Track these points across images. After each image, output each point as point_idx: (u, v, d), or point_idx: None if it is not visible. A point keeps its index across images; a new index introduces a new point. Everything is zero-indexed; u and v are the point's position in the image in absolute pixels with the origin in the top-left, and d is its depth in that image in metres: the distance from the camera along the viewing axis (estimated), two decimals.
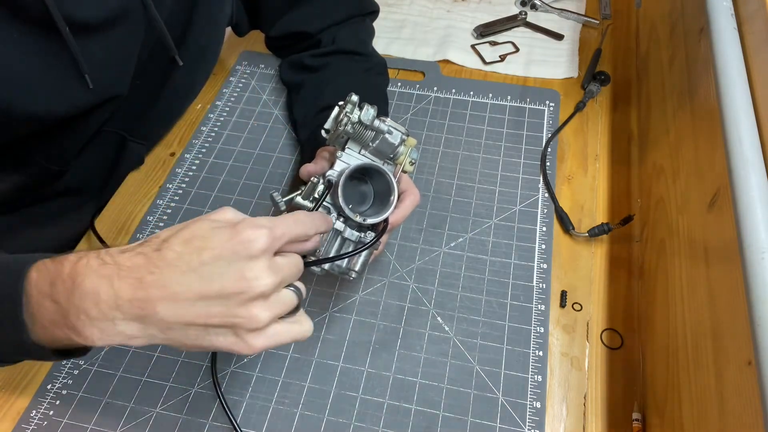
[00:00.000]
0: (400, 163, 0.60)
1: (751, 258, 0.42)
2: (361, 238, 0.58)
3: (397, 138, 0.58)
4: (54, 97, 0.62)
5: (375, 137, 0.58)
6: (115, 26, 0.63)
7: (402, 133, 0.58)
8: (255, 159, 0.82)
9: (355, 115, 0.56)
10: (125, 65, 0.68)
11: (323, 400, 0.62)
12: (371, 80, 0.82)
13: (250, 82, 0.92)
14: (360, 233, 0.58)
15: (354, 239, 0.58)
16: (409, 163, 0.60)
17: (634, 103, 0.88)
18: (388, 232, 0.61)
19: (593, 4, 1.03)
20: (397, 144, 0.58)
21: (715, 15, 0.58)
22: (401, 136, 0.58)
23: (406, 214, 0.61)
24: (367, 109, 0.56)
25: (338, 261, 0.56)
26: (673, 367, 0.55)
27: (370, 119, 0.56)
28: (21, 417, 0.61)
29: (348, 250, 0.58)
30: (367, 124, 0.56)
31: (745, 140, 0.47)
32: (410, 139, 0.60)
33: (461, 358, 0.64)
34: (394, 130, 0.58)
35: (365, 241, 0.57)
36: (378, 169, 0.58)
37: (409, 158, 0.60)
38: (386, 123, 0.58)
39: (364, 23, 0.86)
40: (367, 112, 0.56)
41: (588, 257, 0.72)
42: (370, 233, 0.58)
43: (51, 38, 0.58)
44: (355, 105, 0.56)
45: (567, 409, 0.61)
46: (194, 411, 0.61)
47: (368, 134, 0.57)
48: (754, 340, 0.39)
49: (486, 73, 0.93)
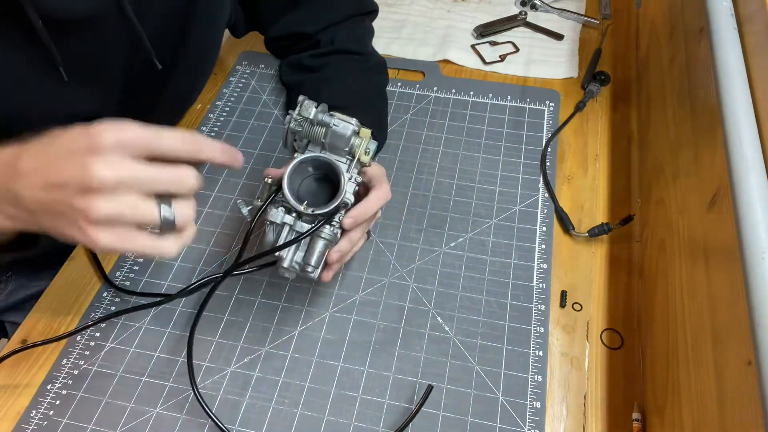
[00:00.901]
0: (357, 155, 0.59)
1: (751, 258, 0.42)
2: (336, 234, 0.58)
3: (347, 129, 0.57)
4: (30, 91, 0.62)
5: (326, 133, 0.58)
6: (91, 25, 0.63)
7: (352, 125, 0.58)
8: (255, 159, 0.82)
9: (296, 113, 0.57)
10: (106, 66, 0.67)
11: (323, 400, 0.62)
12: (370, 80, 0.82)
13: (250, 82, 0.92)
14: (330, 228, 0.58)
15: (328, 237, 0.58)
16: (364, 153, 0.58)
17: (634, 103, 0.88)
18: (357, 227, 0.60)
19: (593, 4, 1.03)
20: (348, 135, 0.58)
21: (715, 15, 0.58)
22: (352, 128, 0.58)
23: (372, 207, 0.60)
24: (305, 105, 0.57)
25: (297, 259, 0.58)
26: (673, 367, 0.55)
27: (311, 113, 0.57)
28: (21, 417, 0.61)
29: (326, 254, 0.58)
30: (308, 117, 0.57)
31: (745, 140, 0.47)
32: (363, 129, 0.59)
33: (461, 358, 0.64)
34: (341, 122, 0.58)
35: (323, 234, 0.57)
36: (325, 161, 0.58)
37: (364, 148, 0.58)
38: (333, 116, 0.58)
39: (363, 23, 0.86)
40: (305, 108, 0.57)
41: (588, 257, 0.72)
42: (331, 227, 0.58)
43: (24, 35, 0.58)
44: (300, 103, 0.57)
45: (567, 409, 0.61)
46: (194, 411, 0.61)
47: (318, 130, 0.58)
48: (754, 340, 0.39)
49: (486, 73, 0.93)
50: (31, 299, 0.76)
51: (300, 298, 0.69)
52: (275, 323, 0.67)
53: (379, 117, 0.79)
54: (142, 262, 0.72)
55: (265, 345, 0.66)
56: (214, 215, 0.76)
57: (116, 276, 0.71)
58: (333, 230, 0.58)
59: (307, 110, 0.57)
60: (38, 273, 0.81)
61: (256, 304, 0.68)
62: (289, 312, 0.68)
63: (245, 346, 0.66)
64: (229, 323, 0.67)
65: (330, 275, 0.61)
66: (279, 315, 0.68)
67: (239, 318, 0.67)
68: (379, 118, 0.79)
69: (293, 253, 0.59)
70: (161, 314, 0.68)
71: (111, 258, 0.73)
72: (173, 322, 0.67)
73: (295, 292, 0.69)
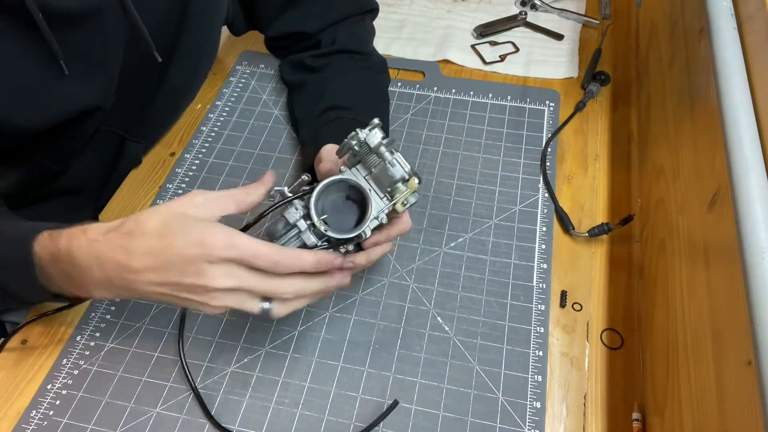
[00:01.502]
0: (394, 201, 0.57)
1: (751, 258, 0.42)
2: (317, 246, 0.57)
3: (397, 172, 0.56)
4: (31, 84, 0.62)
5: (377, 165, 0.57)
6: (91, 19, 0.63)
7: (405, 171, 0.57)
8: (255, 159, 0.82)
9: (363, 134, 0.56)
10: (106, 60, 0.68)
11: (323, 400, 0.62)
12: (372, 79, 0.82)
13: (250, 82, 0.92)
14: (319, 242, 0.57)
15: (309, 245, 0.56)
16: (401, 203, 0.57)
17: (634, 103, 0.88)
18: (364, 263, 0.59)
19: (593, 4, 1.03)
20: (397, 178, 0.56)
21: (715, 15, 0.58)
22: (403, 173, 0.56)
23: (390, 237, 0.60)
24: (374, 132, 0.56)
25: None
26: (673, 368, 0.55)
27: (373, 142, 0.56)
28: (21, 417, 0.61)
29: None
30: (370, 146, 0.56)
31: (745, 140, 0.47)
32: (412, 180, 0.57)
33: (461, 358, 0.64)
34: (397, 164, 0.56)
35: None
36: (361, 190, 0.57)
37: (403, 199, 0.57)
38: (394, 155, 0.57)
39: (363, 22, 0.86)
40: (373, 134, 0.56)
41: (588, 257, 0.72)
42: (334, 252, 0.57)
43: (25, 28, 0.58)
44: (374, 127, 0.56)
45: (567, 409, 0.61)
46: (194, 411, 0.61)
47: (372, 159, 0.57)
48: (754, 340, 0.39)
49: (486, 73, 0.93)
50: None
51: None
52: (275, 323, 0.67)
53: (380, 117, 0.79)
54: None
55: (265, 345, 0.66)
56: None
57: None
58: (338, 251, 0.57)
59: (373, 138, 0.56)
60: None
61: None
62: None
63: (245, 346, 0.66)
64: (229, 323, 0.67)
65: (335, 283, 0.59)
66: None
67: (239, 318, 0.67)
68: (380, 118, 0.78)
69: None
70: (161, 314, 0.68)
71: None
72: (173, 322, 0.67)
73: None
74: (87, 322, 0.67)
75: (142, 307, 0.68)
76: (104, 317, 0.68)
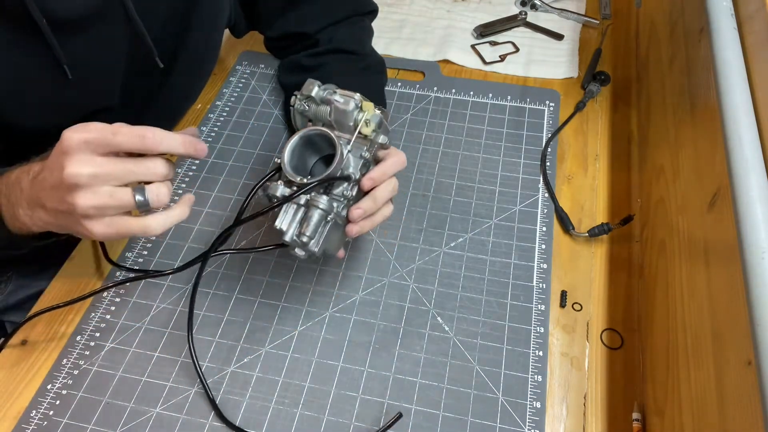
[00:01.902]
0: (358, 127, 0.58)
1: (751, 258, 0.42)
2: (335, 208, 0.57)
3: (349, 104, 0.57)
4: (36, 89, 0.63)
5: (330, 111, 0.58)
6: (94, 25, 0.63)
7: (354, 99, 0.58)
8: (255, 159, 0.82)
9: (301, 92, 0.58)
10: (109, 65, 0.68)
11: (323, 400, 0.62)
12: (368, 79, 0.82)
13: (250, 82, 0.92)
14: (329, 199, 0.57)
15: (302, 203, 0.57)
16: (365, 124, 0.58)
17: (634, 103, 0.88)
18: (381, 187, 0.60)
19: (593, 4, 1.03)
20: (351, 109, 0.58)
21: (715, 15, 0.58)
22: (354, 102, 0.58)
23: (388, 171, 0.61)
24: (308, 84, 0.58)
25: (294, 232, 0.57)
26: (673, 367, 0.55)
27: (312, 92, 0.57)
28: (21, 417, 0.61)
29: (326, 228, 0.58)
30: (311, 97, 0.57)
31: (745, 140, 0.47)
32: (366, 103, 0.59)
33: (461, 358, 0.64)
34: (344, 98, 0.58)
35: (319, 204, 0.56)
36: (323, 133, 0.58)
37: (364, 121, 0.58)
38: (336, 93, 0.58)
39: (362, 22, 0.86)
40: (308, 86, 0.58)
41: (588, 257, 0.72)
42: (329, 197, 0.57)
43: (29, 35, 0.59)
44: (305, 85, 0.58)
45: (567, 409, 0.61)
46: (194, 411, 0.61)
47: (323, 109, 0.58)
48: (754, 340, 0.39)
49: (486, 73, 0.93)
50: (31, 299, 0.76)
51: (300, 298, 0.69)
52: (275, 323, 0.67)
53: None
54: (143, 260, 0.72)
55: (265, 345, 0.66)
56: (215, 215, 0.76)
57: (125, 259, 0.71)
58: (332, 202, 0.57)
59: (309, 89, 0.58)
60: (38, 273, 0.81)
61: (256, 304, 0.68)
62: (289, 312, 0.68)
63: (245, 346, 0.66)
64: (229, 323, 0.67)
65: (355, 229, 0.59)
66: (279, 315, 0.68)
67: (239, 318, 0.67)
68: None
69: (294, 228, 0.57)
70: (161, 314, 0.68)
71: (116, 250, 0.73)
72: (173, 322, 0.67)
73: (295, 292, 0.69)
74: (87, 322, 0.67)
75: (142, 307, 0.69)
76: (104, 317, 0.68)
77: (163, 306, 0.68)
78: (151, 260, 0.72)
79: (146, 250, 0.73)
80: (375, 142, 0.60)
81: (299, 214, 0.57)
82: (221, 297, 0.69)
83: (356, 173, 0.58)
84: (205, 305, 0.68)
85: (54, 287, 0.71)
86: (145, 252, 0.73)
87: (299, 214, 0.57)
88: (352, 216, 0.59)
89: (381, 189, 0.61)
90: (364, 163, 0.59)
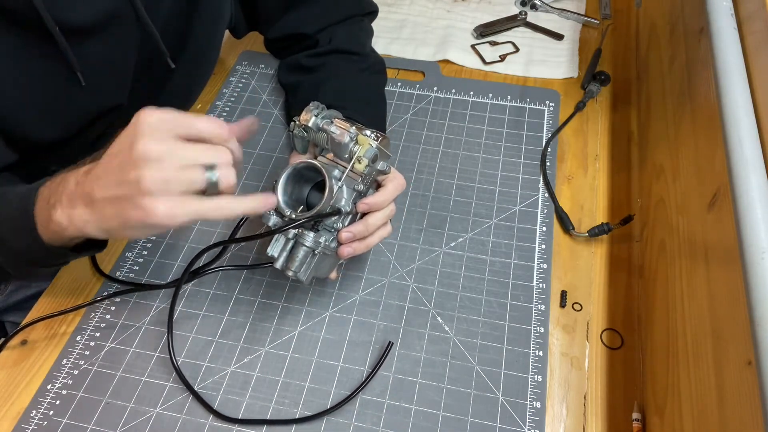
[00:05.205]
0: (352, 162, 0.58)
1: (751, 258, 0.42)
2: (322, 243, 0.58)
3: (344, 137, 0.57)
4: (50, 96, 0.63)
5: (327, 139, 0.57)
6: (106, 30, 0.64)
7: (349, 133, 0.57)
8: (255, 159, 0.82)
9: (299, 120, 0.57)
10: (120, 68, 0.69)
11: (323, 400, 0.62)
12: (367, 79, 0.82)
13: (250, 82, 0.92)
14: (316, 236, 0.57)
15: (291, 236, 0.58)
16: (357, 161, 0.58)
17: (634, 103, 0.88)
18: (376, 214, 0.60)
19: (593, 4, 1.03)
20: (345, 142, 0.57)
21: (715, 15, 0.58)
22: (349, 136, 0.57)
23: (387, 198, 0.61)
24: (306, 111, 0.57)
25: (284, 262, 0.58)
26: (673, 367, 0.55)
27: (309, 121, 0.57)
28: (21, 417, 0.61)
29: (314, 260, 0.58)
30: (309, 126, 0.56)
31: (745, 140, 0.47)
32: (361, 137, 0.58)
33: (461, 358, 0.64)
34: (339, 129, 0.57)
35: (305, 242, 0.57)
36: (314, 167, 0.57)
37: (357, 158, 0.58)
38: (332, 124, 0.57)
39: (362, 23, 0.86)
40: (306, 113, 0.57)
41: (588, 257, 0.72)
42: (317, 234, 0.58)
43: (43, 43, 0.59)
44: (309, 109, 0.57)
45: (567, 409, 0.61)
46: (194, 411, 0.61)
47: (322, 135, 0.58)
48: (754, 340, 0.39)
49: (486, 73, 0.93)
50: (31, 299, 0.76)
51: (300, 298, 0.69)
52: (275, 323, 0.67)
53: (376, 117, 0.79)
54: (139, 267, 0.72)
55: (265, 345, 0.66)
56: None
57: (117, 273, 0.71)
58: (319, 238, 0.57)
59: (306, 118, 0.57)
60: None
61: (256, 304, 0.68)
62: (289, 312, 0.68)
63: (245, 346, 0.66)
64: (229, 323, 0.67)
65: (346, 251, 0.60)
66: (279, 315, 0.68)
67: (239, 318, 0.67)
68: (376, 118, 0.78)
69: (283, 258, 0.58)
70: (161, 314, 0.68)
71: (109, 260, 0.73)
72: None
73: (295, 292, 0.69)
74: (87, 322, 0.67)
75: (142, 307, 0.69)
76: (104, 317, 0.68)
77: (163, 306, 0.68)
78: (151, 260, 0.72)
79: (146, 250, 0.73)
80: (372, 171, 0.60)
81: (289, 245, 0.58)
82: (221, 297, 0.69)
83: (348, 205, 0.59)
84: (205, 305, 0.68)
85: (55, 286, 0.71)
86: (145, 252, 0.73)
87: (289, 245, 0.58)
88: (341, 238, 0.59)
89: (375, 215, 0.61)
90: (358, 194, 0.60)
